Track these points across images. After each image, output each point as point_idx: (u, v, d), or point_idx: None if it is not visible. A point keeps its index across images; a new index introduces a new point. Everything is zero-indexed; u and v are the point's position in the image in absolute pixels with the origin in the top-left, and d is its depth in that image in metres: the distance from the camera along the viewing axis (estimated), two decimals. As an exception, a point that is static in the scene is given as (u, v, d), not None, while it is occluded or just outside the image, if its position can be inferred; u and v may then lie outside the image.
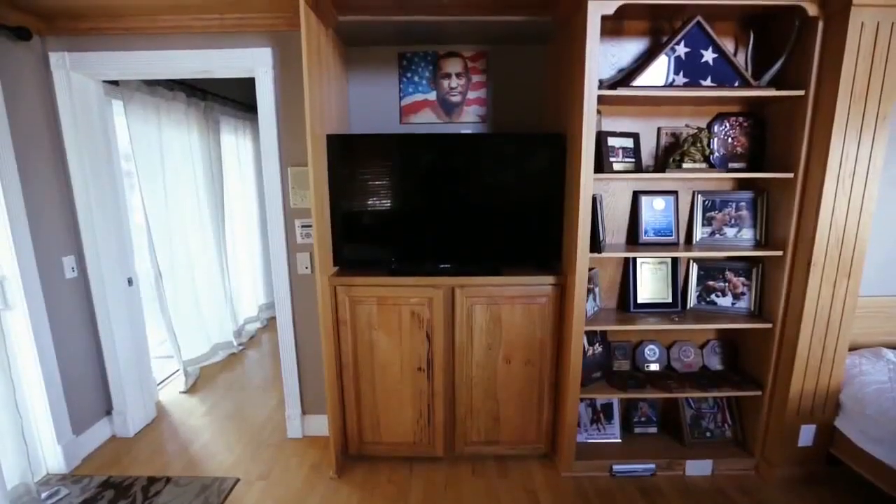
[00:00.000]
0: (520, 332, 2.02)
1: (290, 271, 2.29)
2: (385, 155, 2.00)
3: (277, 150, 2.17)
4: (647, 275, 2.15)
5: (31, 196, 2.04)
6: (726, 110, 2.07)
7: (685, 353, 2.24)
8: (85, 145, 2.20)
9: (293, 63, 2.08)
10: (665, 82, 1.83)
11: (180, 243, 3.13)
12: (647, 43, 2.01)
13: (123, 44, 2.11)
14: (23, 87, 2.02)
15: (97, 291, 2.32)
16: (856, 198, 1.77)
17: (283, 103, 2.14)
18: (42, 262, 2.08)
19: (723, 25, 1.99)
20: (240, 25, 2.05)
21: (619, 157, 1.97)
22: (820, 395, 1.94)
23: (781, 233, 1.94)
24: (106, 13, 2.01)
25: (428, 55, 2.18)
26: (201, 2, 1.90)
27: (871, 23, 1.64)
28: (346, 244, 2.04)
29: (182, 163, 3.12)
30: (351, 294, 1.99)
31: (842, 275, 1.83)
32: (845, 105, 1.69)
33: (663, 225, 2.10)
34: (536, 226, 2.02)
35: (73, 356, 2.26)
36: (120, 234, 2.41)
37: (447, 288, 1.98)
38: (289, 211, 2.23)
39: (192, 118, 3.20)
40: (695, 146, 1.92)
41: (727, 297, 2.13)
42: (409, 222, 2.05)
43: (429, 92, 2.21)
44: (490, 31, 2.03)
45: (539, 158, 1.97)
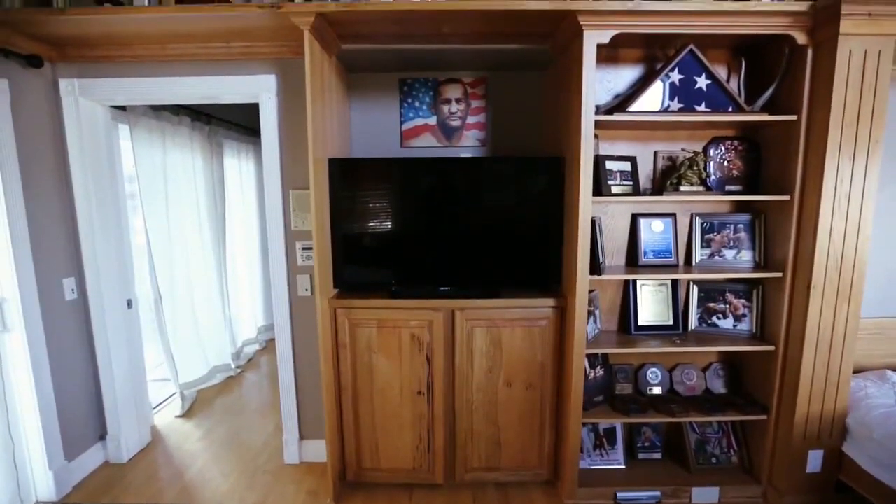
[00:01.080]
0: (520, 355, 2.01)
1: (291, 293, 2.29)
2: (386, 178, 2.03)
3: (279, 173, 2.20)
4: (648, 297, 2.14)
5: (34, 218, 2.05)
6: (721, 134, 2.11)
7: (688, 376, 2.21)
8: (90, 168, 2.24)
9: (296, 89, 2.13)
10: (660, 107, 1.87)
11: (181, 265, 3.14)
12: (642, 70, 2.07)
13: (132, 70, 2.16)
14: (32, 113, 2.06)
15: (96, 313, 2.32)
16: (852, 220, 1.78)
17: (286, 128, 2.18)
18: (42, 283, 2.08)
19: (715, 53, 2.04)
20: (245, 53, 2.11)
21: (618, 181, 2.00)
22: (826, 420, 1.91)
23: (780, 254, 1.95)
24: (116, 42, 2.07)
25: (428, 81, 2.24)
26: (208, 31, 1.96)
27: (859, 51, 1.69)
28: (347, 266, 2.05)
29: (185, 185, 3.15)
30: (351, 317, 1.98)
31: (842, 297, 1.83)
32: (837, 130, 1.73)
33: (662, 247, 2.11)
34: (536, 248, 2.03)
35: (69, 380, 2.23)
36: (121, 256, 2.42)
37: (447, 310, 1.97)
38: (290, 233, 2.25)
39: (197, 142, 3.25)
40: (691, 169, 1.95)
41: (728, 318, 2.12)
42: (410, 245, 2.06)
43: (429, 116, 2.25)
44: (489, 59, 2.08)
45: (538, 182, 2.00)
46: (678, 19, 1.72)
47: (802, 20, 1.73)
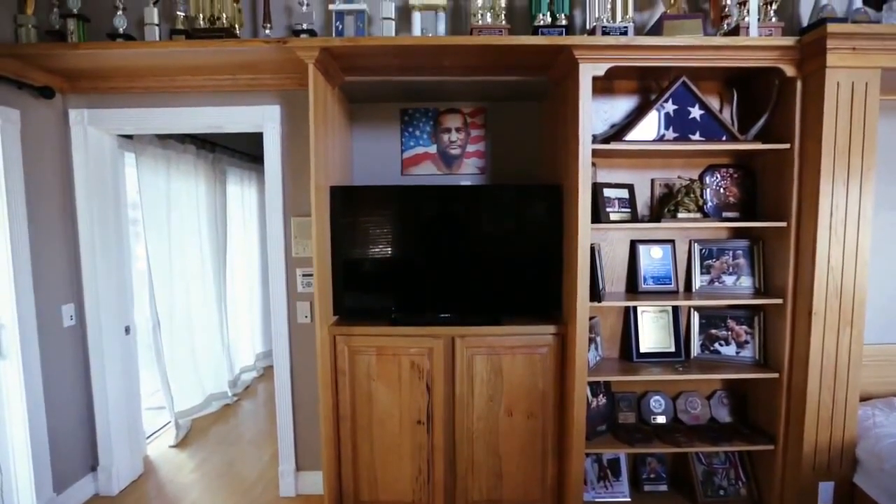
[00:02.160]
0: (521, 382, 1.98)
1: (290, 320, 2.28)
2: (386, 206, 2.05)
3: (282, 200, 2.23)
4: (649, 323, 2.13)
5: (37, 245, 2.07)
6: (716, 162, 2.15)
7: (692, 405, 2.18)
8: (95, 196, 2.27)
9: (300, 119, 2.19)
10: (656, 136, 1.92)
11: (181, 291, 3.13)
12: (637, 100, 2.13)
13: (140, 101, 2.22)
14: (41, 141, 2.11)
15: (94, 340, 2.30)
16: (850, 246, 1.79)
17: (289, 156, 2.23)
18: (41, 310, 2.07)
19: (707, 84, 2.10)
20: (251, 85, 2.17)
21: (616, 208, 2.02)
22: (835, 450, 1.87)
23: (780, 281, 1.95)
24: (127, 73, 2.13)
25: (429, 111, 2.30)
26: (216, 64, 2.02)
27: (846, 82, 1.74)
28: (347, 293, 2.04)
29: (188, 212, 3.18)
30: (350, 344, 1.96)
31: (844, 323, 1.82)
32: (830, 158, 1.76)
33: (662, 273, 2.11)
34: (536, 275, 2.03)
35: (63, 409, 2.19)
36: (121, 282, 2.42)
37: (447, 338, 1.96)
38: (290, 260, 2.26)
39: (201, 169, 3.31)
40: (688, 196, 1.98)
41: (731, 345, 2.11)
42: (410, 272, 2.06)
43: (429, 145, 2.30)
44: (488, 90, 2.15)
45: (537, 209, 2.02)
46: (670, 53, 1.78)
47: (790, 54, 1.79)
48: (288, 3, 2.16)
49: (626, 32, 1.78)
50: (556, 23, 1.88)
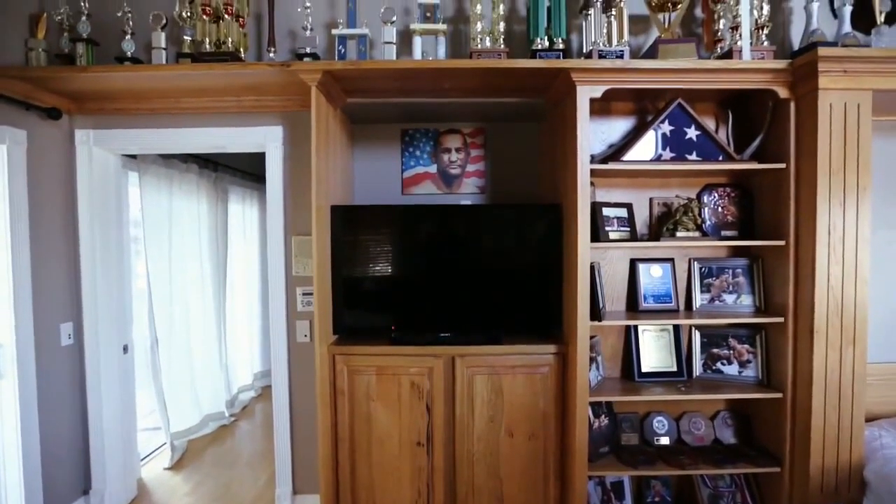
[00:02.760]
0: (522, 403, 1.96)
1: (289, 339, 2.26)
2: (387, 225, 2.06)
3: (283, 219, 2.25)
4: (650, 342, 2.12)
5: (38, 264, 2.07)
6: (714, 181, 2.17)
7: (695, 426, 2.14)
8: (97, 215, 2.28)
9: (302, 139, 2.22)
10: (653, 156, 1.94)
11: (180, 310, 3.12)
12: (634, 121, 2.16)
13: (145, 122, 2.26)
14: (47, 161, 2.14)
15: (91, 359, 2.28)
16: (849, 265, 1.80)
17: (291, 176, 2.25)
18: (40, 328, 2.07)
19: (703, 105, 2.14)
20: (255, 106, 2.21)
21: (615, 227, 2.03)
22: (843, 472, 1.83)
23: (780, 299, 1.95)
24: (133, 95, 2.17)
25: (429, 131, 2.33)
26: (221, 86, 2.07)
27: (839, 104, 1.77)
28: (347, 312, 2.04)
29: (189, 231, 3.20)
30: (350, 363, 1.95)
31: (846, 341, 1.81)
32: (825, 177, 1.77)
33: (662, 292, 2.11)
34: (536, 294, 2.03)
35: (57, 430, 2.16)
36: (121, 301, 2.42)
37: (447, 357, 1.95)
38: (291, 279, 2.26)
39: (203, 188, 3.34)
40: (686, 215, 1.99)
41: (733, 365, 2.09)
42: (410, 291, 2.06)
43: (430, 165, 2.33)
44: (487, 111, 2.18)
45: (537, 228, 2.03)
46: (665, 76, 1.82)
47: (783, 76, 1.83)
48: (292, 27, 2.21)
49: (622, 56, 1.82)
50: (553, 47, 1.92)
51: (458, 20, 2.24)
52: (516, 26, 2.22)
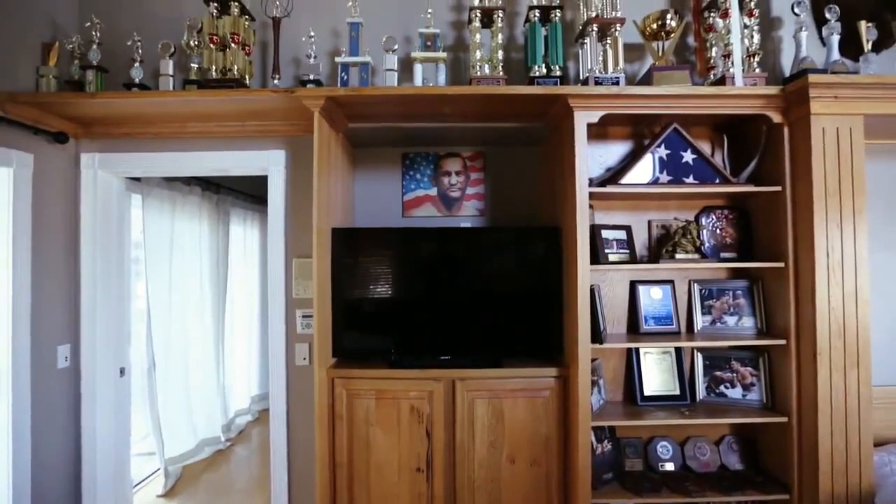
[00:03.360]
0: (523, 427, 1.93)
1: (288, 362, 2.24)
2: (387, 247, 2.07)
3: (284, 242, 2.26)
4: (652, 365, 2.10)
5: (38, 285, 2.07)
6: (711, 204, 2.19)
7: (700, 451, 2.10)
8: (99, 237, 2.29)
9: (304, 163, 2.25)
10: (650, 179, 1.97)
11: (178, 331, 3.11)
12: (631, 145, 2.20)
13: (150, 146, 2.29)
14: (52, 185, 2.16)
15: (87, 382, 2.25)
16: (849, 286, 1.80)
17: (293, 199, 2.27)
18: (37, 351, 2.05)
19: (698, 130, 2.18)
20: (258, 131, 2.25)
21: (614, 249, 2.04)
22: (853, 499, 1.78)
23: (782, 321, 1.94)
24: (140, 120, 2.21)
25: (429, 155, 2.37)
26: (226, 111, 2.11)
27: (831, 128, 1.80)
28: (347, 335, 2.03)
29: (190, 253, 3.21)
30: (349, 387, 1.93)
31: (850, 363, 1.79)
32: (821, 200, 1.79)
33: (663, 314, 2.10)
34: (536, 317, 2.02)
35: (49, 457, 2.12)
36: (120, 323, 2.41)
37: (447, 381, 1.93)
38: (291, 301, 2.25)
39: (205, 210, 3.37)
40: (685, 237, 2.00)
41: (737, 388, 2.06)
42: (410, 314, 2.05)
43: (430, 188, 2.35)
44: (487, 135, 2.22)
45: (537, 251, 2.04)
46: (660, 102, 1.86)
47: (775, 102, 1.87)
48: (296, 55, 2.28)
49: (618, 82, 1.87)
50: (550, 74, 1.97)
51: (457, 48, 2.30)
52: (514, 54, 2.28)
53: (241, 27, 2.02)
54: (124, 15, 2.31)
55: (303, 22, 2.24)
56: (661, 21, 2.03)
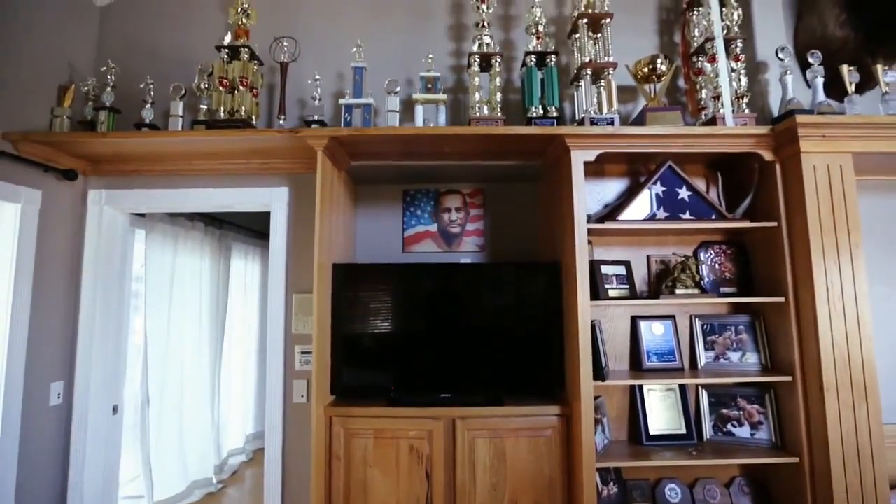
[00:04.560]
0: (526, 468, 1.87)
1: (286, 399, 2.20)
2: (387, 283, 2.07)
3: (285, 277, 2.27)
4: (657, 402, 2.06)
5: (36, 322, 2.06)
6: (709, 239, 2.21)
7: (710, 494, 2.03)
8: (101, 272, 2.30)
9: (307, 200, 2.29)
10: (648, 215, 2.00)
11: (174, 368, 3.06)
12: (628, 182, 2.25)
13: (156, 182, 2.34)
14: (58, 220, 2.19)
15: (78, 421, 2.20)
16: (851, 321, 1.79)
17: (294, 235, 2.30)
18: (29, 389, 2.01)
19: (692, 167, 2.23)
20: (262, 168, 2.31)
21: (614, 284, 2.05)
22: (872, 546, 1.71)
23: (786, 357, 1.92)
24: (148, 158, 2.27)
25: (430, 192, 2.41)
26: (231, 150, 2.17)
27: (822, 165, 1.85)
28: (346, 371, 2.00)
29: (190, 288, 3.21)
30: (347, 426, 1.88)
31: (858, 399, 1.76)
32: (817, 236, 1.81)
33: (665, 350, 2.08)
34: (537, 353, 2.00)
35: (34, 500, 2.04)
36: (116, 360, 2.38)
37: (448, 419, 1.88)
38: (290, 336, 2.24)
39: (207, 245, 3.40)
40: (684, 273, 2.01)
41: (744, 426, 2.01)
42: (410, 350, 2.03)
43: (430, 224, 2.39)
44: (486, 173, 2.27)
45: (537, 286, 2.04)
46: (654, 141, 1.92)
47: (766, 141, 1.92)
48: (301, 97, 2.36)
49: (613, 122, 1.93)
50: (547, 114, 2.04)
51: (457, 90, 2.40)
52: (512, 96, 2.37)
53: (249, 71, 2.10)
54: (139, 59, 2.42)
55: (309, 66, 2.34)
56: (652, 65, 2.12)
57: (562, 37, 2.42)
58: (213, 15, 2.47)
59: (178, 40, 2.45)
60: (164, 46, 2.45)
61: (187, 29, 2.46)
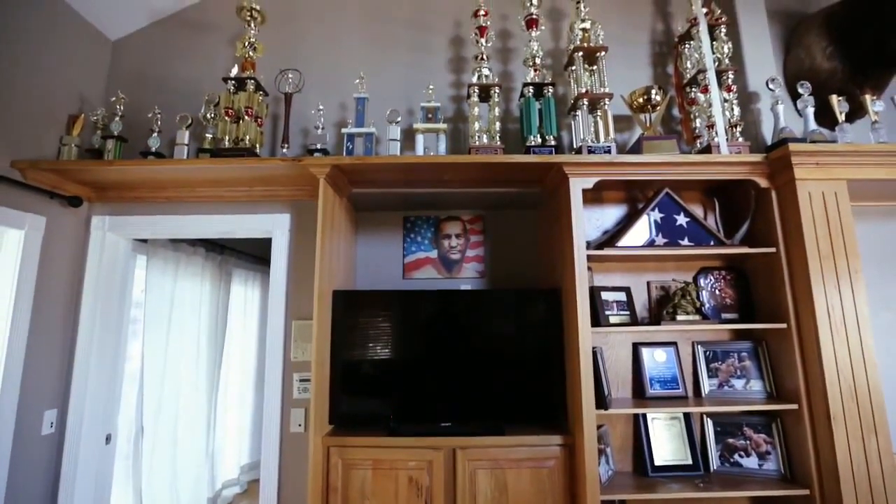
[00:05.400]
0: (528, 500, 1.81)
1: (282, 429, 2.16)
2: (387, 310, 2.06)
3: (284, 303, 2.26)
4: (661, 432, 2.02)
5: (33, 350, 2.04)
6: (708, 265, 2.22)
7: (720, 528, 1.96)
8: (101, 298, 2.30)
9: (308, 226, 2.31)
10: (646, 242, 2.01)
11: (170, 396, 3.01)
12: (626, 208, 2.27)
13: (159, 209, 2.37)
14: (60, 246, 2.21)
15: (69, 451, 2.15)
16: (854, 347, 1.77)
17: (295, 261, 2.31)
18: (22, 418, 1.98)
19: (690, 194, 2.26)
20: (265, 196, 2.34)
21: (615, 311, 2.04)
22: (890, 586, 1.64)
23: (791, 384, 1.89)
24: (153, 185, 2.31)
25: (430, 218, 2.43)
26: (234, 177, 2.20)
27: (817, 192, 1.87)
28: (345, 399, 1.97)
29: (189, 314, 3.20)
30: (345, 456, 1.84)
31: (867, 429, 1.72)
32: (816, 262, 1.82)
33: (668, 377, 2.05)
34: (539, 381, 1.97)
35: (22, 534, 1.98)
36: (111, 387, 2.35)
37: (448, 449, 1.84)
38: (288, 364, 2.21)
39: (208, 270, 3.40)
40: (685, 299, 2.01)
41: (752, 457, 1.97)
42: (410, 378, 2.01)
43: (430, 250, 2.40)
44: (486, 200, 2.30)
45: (537, 313, 2.03)
46: (651, 168, 1.95)
47: (760, 168, 1.96)
48: (305, 126, 2.42)
49: (610, 151, 1.97)
50: (545, 143, 2.08)
51: (457, 119, 2.45)
52: (511, 125, 2.43)
53: (255, 102, 2.16)
54: (148, 89, 2.50)
55: (312, 96, 2.41)
56: (647, 96, 2.18)
57: (558, 68, 2.49)
58: (221, 49, 2.56)
59: (187, 72, 2.53)
60: (173, 78, 2.53)
61: (196, 62, 2.55)
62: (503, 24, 2.57)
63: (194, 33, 2.59)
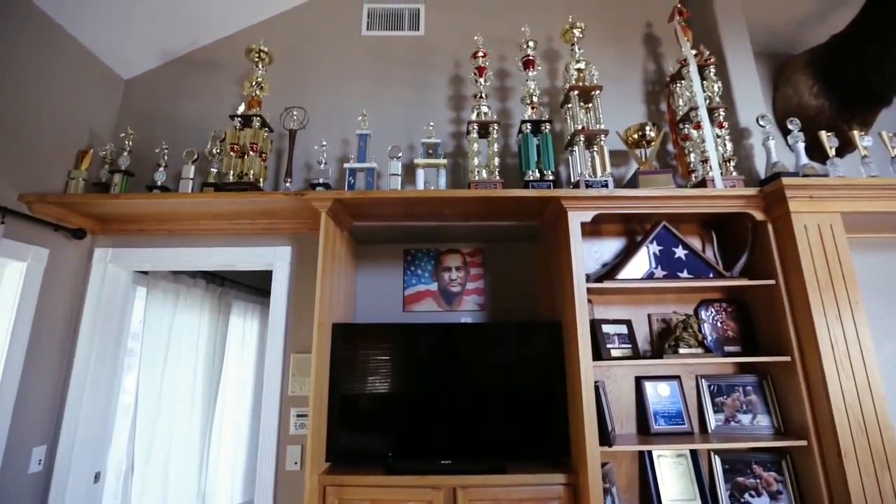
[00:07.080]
0: (533, 545, 1.74)
1: (278, 466, 2.09)
2: (387, 343, 2.04)
3: (283, 336, 2.24)
4: (668, 470, 1.96)
5: (26, 385, 2.01)
6: (709, 297, 2.21)
7: (733, 575, 1.87)
8: (98, 331, 2.28)
9: (309, 259, 2.32)
10: (646, 274, 2.01)
11: (163, 432, 2.93)
12: (625, 241, 2.29)
13: (161, 241, 2.39)
14: (61, 279, 2.21)
15: (56, 490, 2.08)
16: (861, 380, 1.75)
17: (295, 294, 2.31)
18: (10, 455, 1.92)
19: (687, 227, 2.28)
20: (267, 229, 2.36)
21: (616, 344, 2.03)
22: None
23: (798, 419, 1.85)
24: (156, 218, 2.33)
25: (430, 251, 2.45)
26: (238, 211, 2.23)
27: (813, 224, 1.90)
28: (343, 436, 1.92)
29: (187, 347, 3.16)
30: (342, 496, 1.77)
31: (880, 466, 1.67)
32: (816, 293, 1.82)
33: (673, 412, 2.01)
34: (540, 416, 1.93)
35: (1, 582, 1.88)
36: (103, 423, 2.29)
37: (448, 489, 1.78)
38: (286, 398, 2.17)
39: (207, 302, 3.38)
40: (686, 331, 2.00)
41: (763, 496, 1.90)
42: (409, 413, 1.96)
43: (430, 283, 2.40)
44: (485, 233, 2.32)
45: (538, 346, 2.01)
46: (648, 202, 1.98)
47: (755, 201, 1.99)
48: (308, 161, 2.48)
49: (607, 185, 2.01)
50: (544, 178, 2.12)
51: (457, 154, 2.51)
52: (509, 160, 2.48)
53: (260, 138, 2.22)
54: (157, 126, 2.58)
55: (316, 132, 2.48)
56: (642, 132, 2.24)
57: (555, 105, 2.57)
58: (229, 88, 2.66)
59: (196, 110, 2.61)
60: (181, 115, 2.61)
61: (205, 99, 2.63)
62: (501, 65, 2.68)
63: (203, 72, 2.69)
